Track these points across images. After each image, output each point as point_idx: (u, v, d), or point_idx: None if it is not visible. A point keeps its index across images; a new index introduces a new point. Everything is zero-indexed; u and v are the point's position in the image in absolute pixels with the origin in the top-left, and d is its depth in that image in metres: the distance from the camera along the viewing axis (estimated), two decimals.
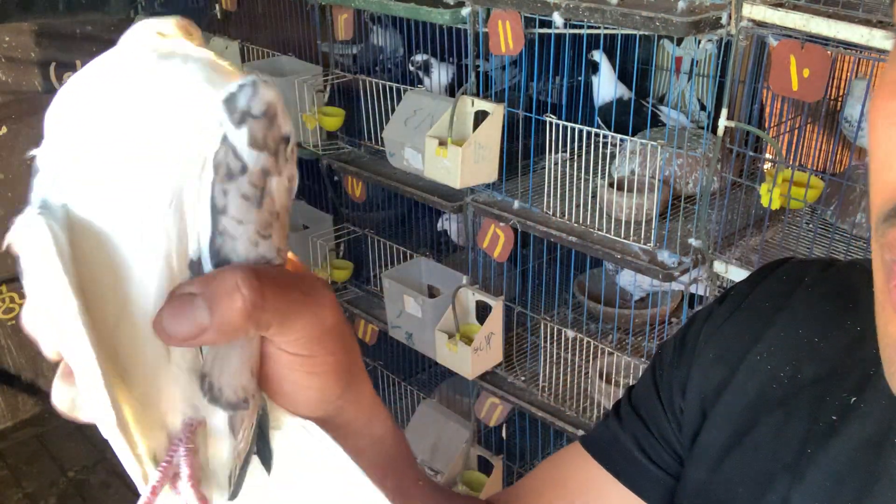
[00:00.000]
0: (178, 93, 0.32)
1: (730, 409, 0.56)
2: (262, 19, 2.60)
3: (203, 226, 0.32)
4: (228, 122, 0.32)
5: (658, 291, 2.05)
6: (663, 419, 0.62)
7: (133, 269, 0.32)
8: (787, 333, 0.55)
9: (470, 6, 1.74)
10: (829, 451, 0.49)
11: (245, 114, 0.32)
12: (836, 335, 0.53)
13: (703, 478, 0.57)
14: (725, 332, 0.59)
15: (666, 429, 0.62)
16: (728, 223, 1.60)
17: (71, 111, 0.32)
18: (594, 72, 1.94)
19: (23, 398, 3.25)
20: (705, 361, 0.59)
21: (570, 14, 1.54)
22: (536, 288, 2.10)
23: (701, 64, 2.00)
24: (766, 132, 1.51)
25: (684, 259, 1.57)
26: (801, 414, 0.52)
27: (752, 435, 0.54)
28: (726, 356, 0.57)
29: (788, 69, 1.29)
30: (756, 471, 0.53)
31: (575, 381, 1.94)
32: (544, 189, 1.80)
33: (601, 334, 2.06)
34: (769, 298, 0.58)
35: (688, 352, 0.61)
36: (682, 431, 0.60)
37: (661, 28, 1.42)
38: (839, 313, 0.54)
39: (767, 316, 0.57)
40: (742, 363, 0.56)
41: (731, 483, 0.54)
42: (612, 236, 1.66)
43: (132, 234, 0.32)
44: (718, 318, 0.60)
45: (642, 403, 0.65)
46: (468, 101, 1.84)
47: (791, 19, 1.29)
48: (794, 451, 0.51)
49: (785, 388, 0.53)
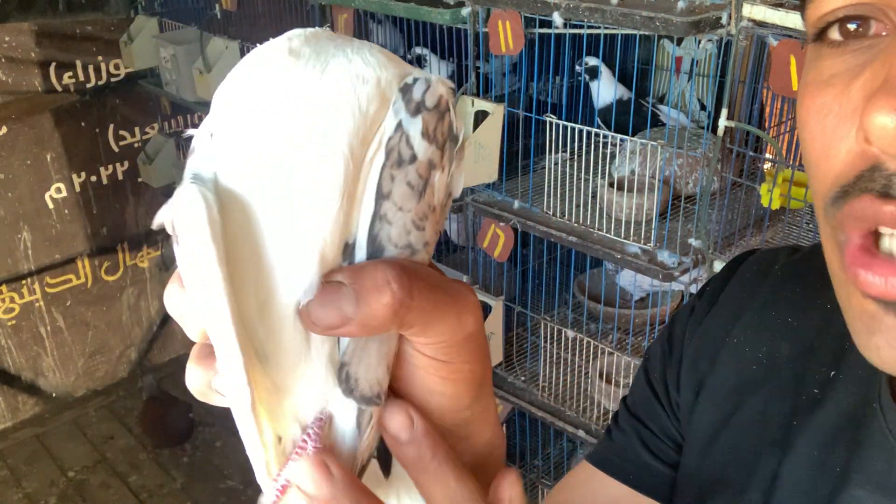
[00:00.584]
0: (355, 77, 0.32)
1: (715, 394, 0.58)
2: (262, 19, 2.60)
3: (366, 208, 0.32)
4: (404, 110, 0.32)
5: (658, 291, 2.05)
6: (664, 417, 0.63)
7: (287, 252, 0.32)
8: (762, 316, 0.58)
9: (470, 6, 1.74)
10: (814, 423, 0.51)
11: (420, 104, 0.32)
12: (809, 314, 0.56)
13: (694, 462, 0.58)
14: (706, 326, 0.61)
15: (668, 426, 0.63)
16: (728, 223, 1.60)
17: (242, 90, 0.32)
18: (592, 77, 1.94)
19: (23, 398, 3.25)
20: (691, 354, 0.61)
21: (570, 14, 1.54)
22: (536, 288, 2.10)
23: (701, 64, 2.00)
24: (766, 132, 1.51)
25: (684, 259, 1.57)
26: (783, 391, 0.54)
27: (737, 416, 0.56)
28: (709, 347, 0.60)
29: (788, 69, 1.29)
30: (744, 449, 0.54)
31: (575, 381, 1.94)
32: (544, 189, 1.80)
33: (601, 334, 2.06)
34: (743, 287, 0.61)
35: (676, 349, 0.63)
36: (681, 425, 0.62)
37: (661, 28, 1.42)
38: (809, 293, 0.56)
39: (742, 303, 0.60)
40: (721, 350, 0.58)
41: (722, 464, 0.56)
42: (612, 236, 1.66)
43: (289, 217, 0.31)
44: (699, 313, 0.62)
45: (640, 407, 0.66)
46: (468, 101, 1.84)
47: (791, 19, 1.29)
48: (780, 426, 0.53)
49: (765, 368, 0.56)
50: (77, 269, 3.21)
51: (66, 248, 3.16)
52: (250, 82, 0.32)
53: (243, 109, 0.32)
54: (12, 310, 3.07)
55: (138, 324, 3.50)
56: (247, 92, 0.32)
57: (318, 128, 0.31)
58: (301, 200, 0.31)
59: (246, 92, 0.32)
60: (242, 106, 0.32)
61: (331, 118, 0.31)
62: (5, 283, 3.02)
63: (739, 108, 1.52)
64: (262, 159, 0.31)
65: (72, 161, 3.07)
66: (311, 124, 0.31)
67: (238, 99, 0.32)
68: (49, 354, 3.25)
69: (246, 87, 0.32)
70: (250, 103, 0.32)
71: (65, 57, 2.94)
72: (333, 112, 0.31)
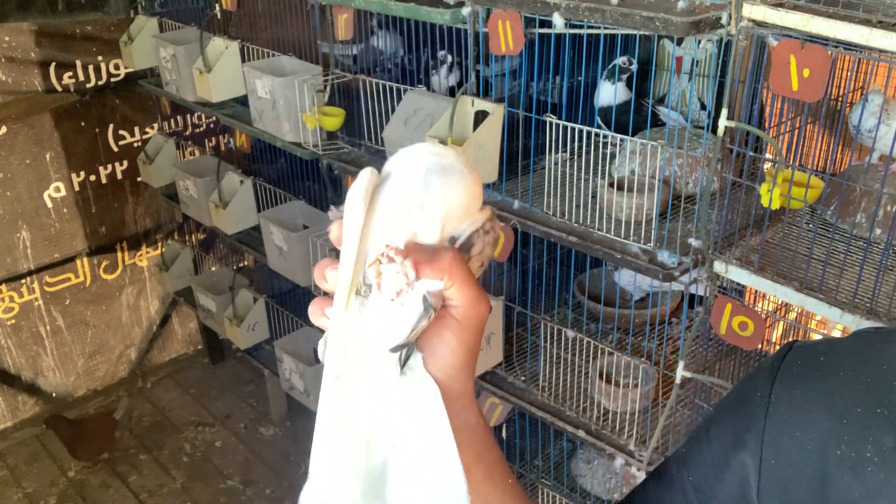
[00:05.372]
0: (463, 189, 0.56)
1: None
2: (262, 19, 2.60)
3: (469, 227, 0.57)
4: (489, 221, 0.59)
5: (658, 291, 2.05)
6: None
7: (418, 229, 0.54)
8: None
9: (470, 6, 1.74)
10: None
11: (494, 235, 0.59)
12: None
13: None
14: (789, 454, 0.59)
15: None
16: (728, 223, 1.60)
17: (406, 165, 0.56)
18: (611, 76, 1.92)
19: (23, 398, 3.25)
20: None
21: (570, 14, 1.54)
22: (536, 288, 2.10)
23: (701, 64, 2.00)
24: (766, 132, 1.51)
25: (684, 259, 1.57)
26: None
27: None
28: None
29: (788, 69, 1.29)
30: None
31: (575, 381, 1.94)
32: (544, 189, 1.80)
33: (601, 334, 2.06)
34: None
35: None
36: None
37: (661, 28, 1.42)
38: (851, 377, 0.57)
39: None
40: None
41: None
42: (612, 236, 1.65)
43: (424, 217, 0.54)
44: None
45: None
46: (468, 101, 1.84)
47: (791, 19, 1.29)
48: None
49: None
50: (76, 268, 3.22)
51: (66, 247, 3.16)
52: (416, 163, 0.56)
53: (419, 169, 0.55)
54: (12, 309, 3.07)
55: (138, 323, 3.50)
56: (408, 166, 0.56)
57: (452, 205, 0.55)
58: (429, 221, 0.54)
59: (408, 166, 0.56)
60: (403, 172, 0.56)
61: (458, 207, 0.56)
62: (5, 283, 3.02)
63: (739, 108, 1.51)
64: (412, 190, 0.54)
65: (71, 160, 3.07)
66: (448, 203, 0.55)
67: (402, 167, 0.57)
68: (49, 354, 3.25)
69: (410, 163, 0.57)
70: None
71: (65, 57, 2.94)
72: (467, 187, 0.56)
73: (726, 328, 1.55)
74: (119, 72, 3.10)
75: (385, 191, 0.54)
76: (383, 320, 0.53)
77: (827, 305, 1.41)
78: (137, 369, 3.55)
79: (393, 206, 0.54)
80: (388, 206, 0.54)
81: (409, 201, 0.54)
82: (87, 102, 3.05)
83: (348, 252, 0.52)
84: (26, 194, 2.97)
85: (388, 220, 0.54)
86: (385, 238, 0.53)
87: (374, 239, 0.54)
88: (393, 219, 0.54)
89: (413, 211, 0.54)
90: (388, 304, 0.53)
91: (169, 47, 2.68)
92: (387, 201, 0.54)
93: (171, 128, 3.29)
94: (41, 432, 3.14)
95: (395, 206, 0.54)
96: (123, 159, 3.23)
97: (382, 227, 0.54)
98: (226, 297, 3.09)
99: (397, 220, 0.54)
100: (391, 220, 0.54)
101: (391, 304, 0.52)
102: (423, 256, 0.52)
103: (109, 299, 3.36)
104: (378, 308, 0.53)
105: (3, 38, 2.79)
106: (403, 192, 0.54)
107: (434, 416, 0.54)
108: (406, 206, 0.54)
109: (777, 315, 1.83)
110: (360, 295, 0.54)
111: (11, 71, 2.84)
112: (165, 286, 3.47)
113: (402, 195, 0.54)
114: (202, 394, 3.45)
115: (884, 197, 1.56)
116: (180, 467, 3.04)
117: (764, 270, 1.50)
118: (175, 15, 2.90)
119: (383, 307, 0.53)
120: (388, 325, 0.53)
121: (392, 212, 0.54)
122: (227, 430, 3.24)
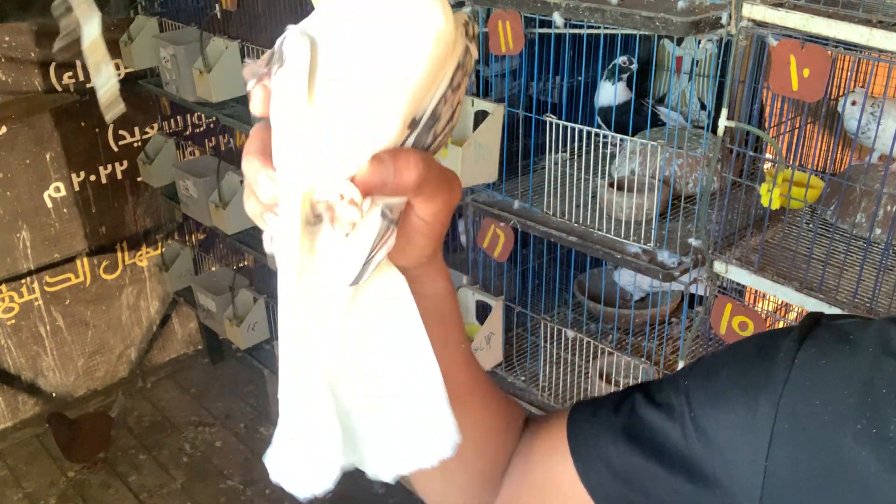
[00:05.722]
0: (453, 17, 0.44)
1: None
2: (262, 19, 2.60)
3: (436, 96, 0.44)
4: (466, 39, 0.46)
5: (658, 291, 2.05)
6: None
7: (373, 122, 0.43)
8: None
9: (470, 6, 1.74)
10: None
11: (474, 36, 0.46)
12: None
13: None
14: None
15: None
16: (728, 223, 1.60)
17: None
18: (611, 76, 1.92)
19: (23, 398, 3.25)
20: None
21: (570, 14, 1.54)
22: (536, 288, 2.10)
23: (701, 64, 2.00)
24: (766, 132, 1.51)
25: (684, 259, 1.57)
26: None
27: None
28: None
29: (788, 69, 1.29)
30: None
31: (575, 381, 1.94)
32: (544, 189, 1.80)
33: (601, 334, 2.06)
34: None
35: None
36: None
37: (661, 28, 1.42)
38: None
39: None
40: None
41: None
42: (612, 236, 1.65)
43: (383, 98, 0.42)
44: None
45: None
46: (468, 101, 1.84)
47: (791, 19, 1.29)
48: None
49: None
50: (76, 268, 3.21)
51: (66, 247, 3.16)
52: None
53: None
54: (12, 309, 3.07)
55: (138, 323, 3.50)
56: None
57: (418, 45, 0.42)
58: (385, 84, 0.42)
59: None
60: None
61: (434, 42, 0.42)
62: (5, 283, 3.01)
63: (739, 108, 1.51)
64: (360, 48, 0.42)
65: (71, 160, 3.07)
66: (413, 39, 0.42)
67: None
68: (49, 354, 3.25)
69: None
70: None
71: (65, 57, 2.94)
72: (437, 38, 0.42)
73: (726, 328, 1.55)
74: (119, 72, 3.10)
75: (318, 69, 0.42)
76: (336, 248, 0.45)
77: (827, 305, 1.41)
78: (137, 369, 3.55)
79: (331, 95, 0.42)
80: (324, 97, 0.42)
81: (353, 83, 0.41)
82: (87, 102, 3.05)
83: (289, 183, 0.43)
84: (26, 194, 2.97)
85: (328, 119, 0.42)
86: (329, 151, 0.42)
87: (312, 147, 0.43)
88: (333, 118, 0.42)
89: (359, 97, 0.42)
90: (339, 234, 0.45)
91: (169, 47, 2.68)
92: (322, 91, 0.42)
93: (171, 128, 3.29)
94: (41, 432, 3.14)
95: (333, 94, 0.42)
96: (123, 159, 3.23)
97: (321, 132, 0.42)
98: (226, 297, 3.09)
99: (339, 118, 0.42)
100: (331, 119, 0.42)
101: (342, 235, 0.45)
102: (380, 178, 0.43)
103: (109, 299, 3.36)
104: (329, 237, 0.45)
105: (3, 38, 2.79)
106: (343, 68, 0.41)
107: (405, 316, 0.48)
108: (349, 93, 0.42)
109: (777, 315, 1.83)
110: (310, 224, 0.45)
111: (11, 71, 2.84)
112: (165, 286, 3.47)
113: (342, 73, 0.42)
114: (202, 394, 3.45)
115: (884, 197, 1.56)
116: (180, 467, 3.04)
117: (764, 270, 1.50)
118: (175, 15, 2.90)
119: (334, 236, 0.45)
120: (342, 250, 0.46)
121: (331, 106, 0.42)
122: (227, 430, 3.23)
